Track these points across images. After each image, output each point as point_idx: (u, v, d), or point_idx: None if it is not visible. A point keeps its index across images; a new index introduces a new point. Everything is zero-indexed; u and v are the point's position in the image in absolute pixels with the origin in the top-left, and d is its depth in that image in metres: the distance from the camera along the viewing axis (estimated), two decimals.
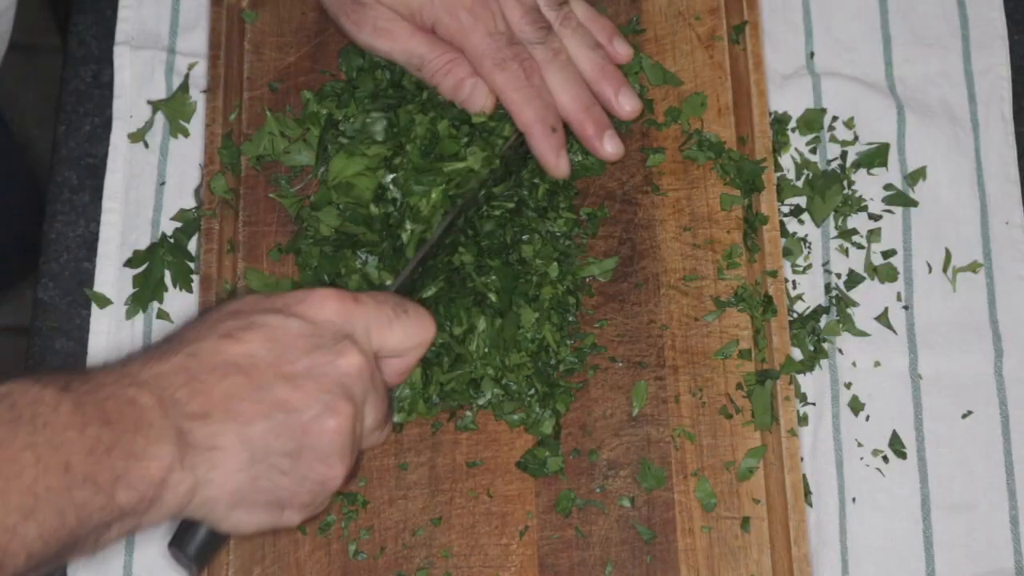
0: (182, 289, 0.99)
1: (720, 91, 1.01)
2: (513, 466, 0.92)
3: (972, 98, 1.05)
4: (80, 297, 1.01)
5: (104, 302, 1.00)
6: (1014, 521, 0.95)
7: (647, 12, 1.03)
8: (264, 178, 0.99)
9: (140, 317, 0.99)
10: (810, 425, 0.96)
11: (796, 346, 0.97)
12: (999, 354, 0.99)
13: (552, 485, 0.92)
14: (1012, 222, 1.02)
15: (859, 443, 0.96)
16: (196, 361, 0.72)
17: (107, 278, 1.00)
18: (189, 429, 0.70)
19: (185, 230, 1.00)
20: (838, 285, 1.00)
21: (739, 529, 0.91)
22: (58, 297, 1.01)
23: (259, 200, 0.99)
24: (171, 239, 1.00)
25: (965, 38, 1.07)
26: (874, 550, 0.94)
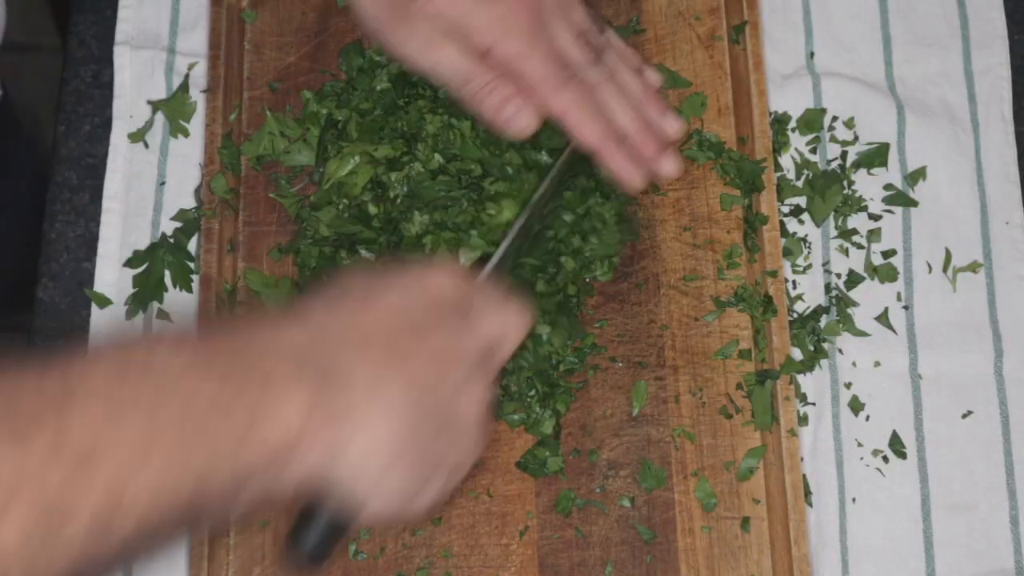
0: (182, 289, 0.99)
1: (720, 91, 1.01)
2: (513, 466, 0.92)
3: (972, 98, 1.05)
4: (80, 297, 1.01)
5: (104, 302, 1.00)
6: (1014, 521, 0.95)
7: (647, 12, 1.03)
8: (264, 178, 0.99)
9: (140, 317, 0.99)
10: (810, 425, 0.96)
11: (796, 346, 0.97)
12: (999, 354, 0.99)
13: (552, 485, 0.92)
14: (1012, 222, 1.02)
15: (859, 443, 0.96)
16: (326, 333, 0.71)
17: (107, 278, 1.00)
18: (326, 391, 0.68)
19: (185, 230, 1.00)
20: (838, 285, 1.00)
21: (739, 529, 0.91)
22: (58, 297, 1.01)
23: (259, 200, 0.99)
24: (171, 239, 1.00)
25: (965, 38, 1.07)
26: (874, 550, 0.94)
